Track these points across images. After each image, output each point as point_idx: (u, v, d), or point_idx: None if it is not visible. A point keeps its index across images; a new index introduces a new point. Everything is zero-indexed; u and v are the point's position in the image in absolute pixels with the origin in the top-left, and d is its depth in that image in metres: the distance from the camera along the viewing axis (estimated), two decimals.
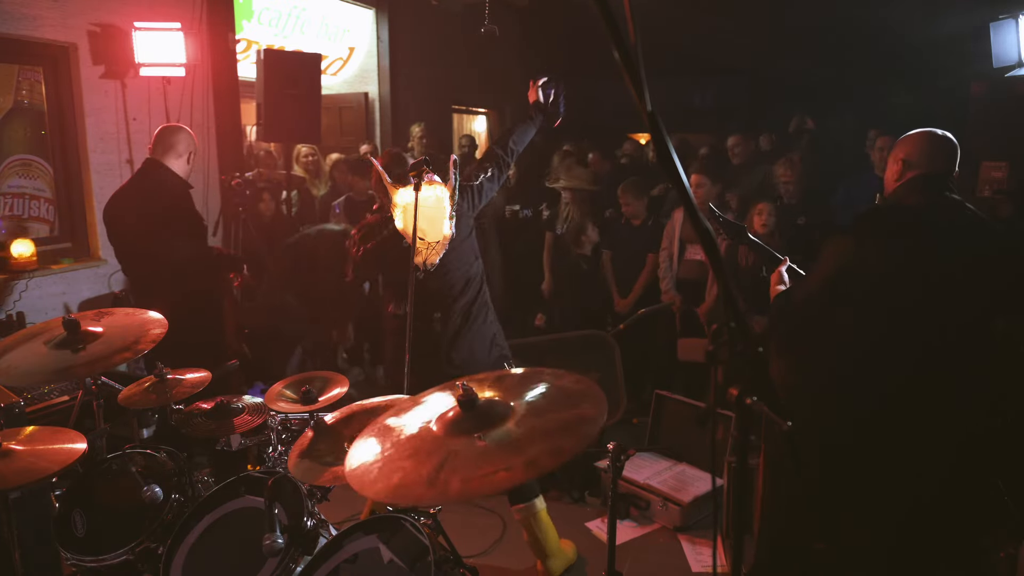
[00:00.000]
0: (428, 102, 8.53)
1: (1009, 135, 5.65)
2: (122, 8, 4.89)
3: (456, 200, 3.13)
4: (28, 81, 4.63)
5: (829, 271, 2.43)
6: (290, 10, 7.26)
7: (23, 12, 4.43)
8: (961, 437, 2.30)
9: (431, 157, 3.16)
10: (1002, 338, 2.30)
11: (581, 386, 1.74)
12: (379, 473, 1.59)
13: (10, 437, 2.10)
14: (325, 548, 2.07)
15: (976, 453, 2.34)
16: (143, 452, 2.52)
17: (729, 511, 3.34)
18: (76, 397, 2.98)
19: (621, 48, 1.06)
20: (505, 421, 1.63)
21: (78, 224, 4.94)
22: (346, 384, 2.70)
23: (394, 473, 1.57)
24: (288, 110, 5.34)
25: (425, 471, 1.53)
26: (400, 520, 2.01)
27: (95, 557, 2.24)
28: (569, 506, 3.96)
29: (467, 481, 1.47)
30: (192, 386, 2.64)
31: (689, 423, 4.18)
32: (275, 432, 2.65)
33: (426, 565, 1.87)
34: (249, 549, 2.06)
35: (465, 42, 7.96)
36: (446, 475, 1.50)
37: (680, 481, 3.90)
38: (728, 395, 1.21)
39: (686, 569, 3.41)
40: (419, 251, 3.06)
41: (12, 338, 2.50)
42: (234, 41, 5.84)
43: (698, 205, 1.19)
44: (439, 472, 1.51)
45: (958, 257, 2.29)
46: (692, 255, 4.92)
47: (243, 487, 2.30)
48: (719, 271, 1.18)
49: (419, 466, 1.56)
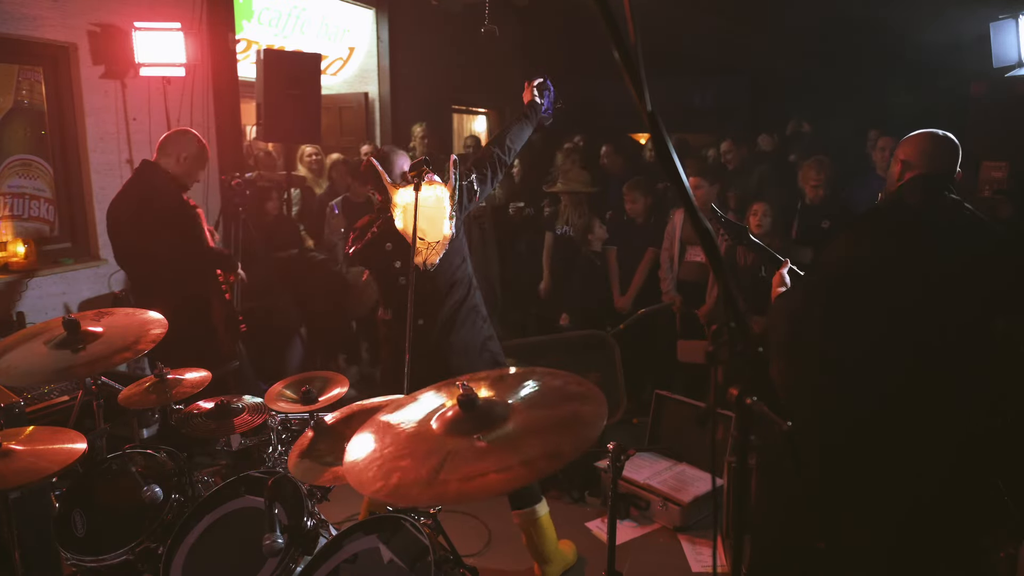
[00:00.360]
0: (428, 102, 8.53)
1: (1009, 135, 5.65)
2: (122, 8, 4.89)
3: (456, 200, 3.12)
4: (28, 81, 4.63)
5: (829, 270, 2.44)
6: (290, 10, 7.26)
7: (23, 12, 4.43)
8: (961, 437, 2.30)
9: (431, 157, 3.16)
10: (1002, 338, 2.30)
11: (581, 388, 1.74)
12: (378, 472, 1.59)
13: (10, 437, 2.10)
14: (325, 548, 2.07)
15: (976, 453, 2.33)
16: (143, 452, 2.52)
17: (729, 511, 3.34)
18: (76, 397, 2.98)
19: (621, 48, 1.06)
20: (505, 422, 1.63)
21: (78, 224, 4.94)
22: (346, 384, 2.70)
23: (393, 472, 1.56)
24: (288, 110, 5.34)
25: (424, 471, 1.53)
26: (400, 520, 2.01)
27: (95, 557, 2.24)
28: (569, 506, 3.97)
29: (465, 482, 1.47)
30: (192, 386, 2.65)
31: (689, 423, 4.18)
32: (275, 432, 2.65)
33: (426, 565, 1.87)
34: (249, 549, 2.06)
35: (465, 42, 7.96)
36: (445, 476, 1.50)
37: (680, 481, 3.90)
38: (728, 395, 1.21)
39: (686, 569, 3.41)
40: (419, 251, 3.05)
41: (12, 338, 2.51)
42: (234, 41, 5.84)
43: (698, 206, 1.19)
44: (438, 473, 1.51)
45: (958, 257, 2.29)
46: (692, 256, 4.92)
47: (243, 487, 2.31)
48: (719, 271, 1.18)
49: (418, 466, 1.56)
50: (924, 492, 2.30)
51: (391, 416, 1.81)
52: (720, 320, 1.18)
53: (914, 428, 2.23)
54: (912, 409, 2.25)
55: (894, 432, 2.26)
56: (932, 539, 2.35)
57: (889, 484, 2.31)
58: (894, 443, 2.26)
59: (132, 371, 4.20)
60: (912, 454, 2.25)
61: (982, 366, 2.29)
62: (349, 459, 1.68)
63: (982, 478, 2.41)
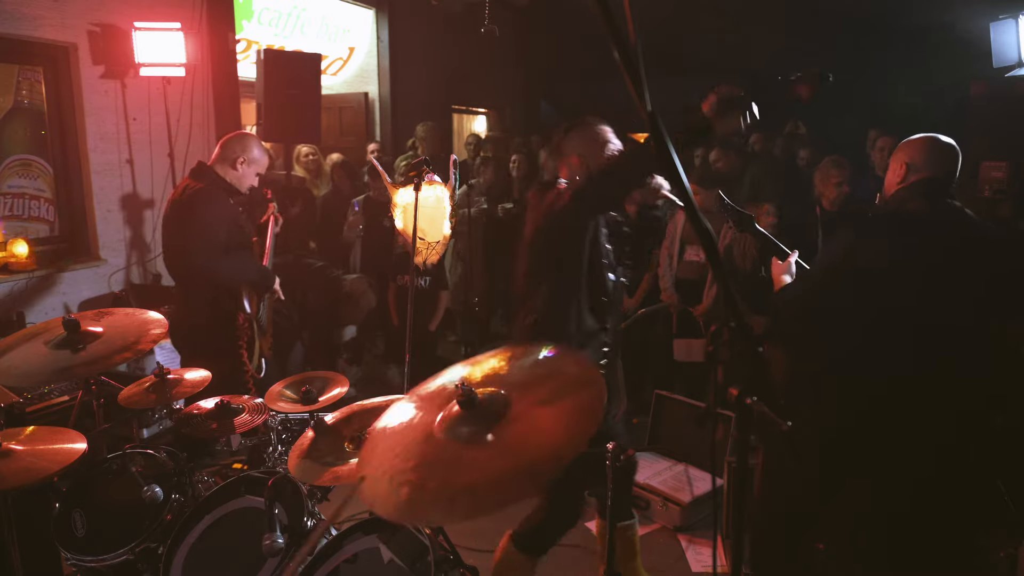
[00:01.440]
0: (428, 102, 8.53)
1: (1009, 135, 5.64)
2: (122, 8, 4.89)
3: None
4: (28, 81, 4.63)
5: (831, 267, 2.45)
6: (290, 10, 7.26)
7: (23, 12, 4.43)
8: (960, 437, 2.31)
9: (432, 157, 3.16)
10: (1002, 339, 2.31)
11: (580, 370, 1.69)
12: (387, 487, 1.53)
13: (10, 437, 2.10)
14: (325, 548, 2.07)
15: (976, 453, 2.34)
16: (143, 452, 2.52)
17: (729, 511, 3.34)
18: (76, 397, 2.98)
19: (621, 48, 1.06)
20: (506, 417, 1.61)
21: (78, 224, 4.94)
22: (346, 384, 2.70)
23: (401, 487, 1.50)
24: (288, 110, 5.33)
25: (431, 485, 1.47)
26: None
27: (95, 557, 2.24)
28: None
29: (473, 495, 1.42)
30: (192, 386, 2.65)
31: (689, 423, 4.18)
32: (275, 432, 2.65)
33: (426, 565, 1.87)
34: (249, 549, 2.06)
35: (465, 42, 7.96)
36: (452, 490, 1.44)
37: (680, 481, 3.90)
38: (728, 395, 1.21)
39: (686, 569, 3.41)
40: (419, 251, 3.06)
41: (12, 338, 2.50)
42: (234, 41, 5.84)
43: (699, 205, 1.19)
44: (445, 485, 1.46)
45: (958, 259, 2.30)
46: (691, 255, 4.92)
47: (243, 487, 2.31)
48: (719, 272, 1.18)
49: (426, 480, 1.49)
50: (923, 492, 2.31)
51: (393, 421, 1.78)
52: (719, 320, 1.18)
53: (913, 429, 2.24)
54: (911, 410, 2.26)
55: (893, 432, 2.27)
56: (932, 539, 2.36)
57: (888, 484, 2.32)
58: (892, 442, 2.27)
59: (132, 371, 4.20)
60: (911, 455, 2.26)
61: (982, 368, 2.30)
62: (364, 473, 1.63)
63: (982, 478, 2.41)
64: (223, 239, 3.38)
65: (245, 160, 3.49)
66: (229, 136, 3.60)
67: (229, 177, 3.49)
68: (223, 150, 3.51)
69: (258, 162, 3.56)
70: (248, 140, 3.57)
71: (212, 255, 3.34)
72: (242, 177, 3.52)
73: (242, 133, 3.68)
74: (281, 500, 2.15)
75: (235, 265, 3.46)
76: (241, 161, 3.48)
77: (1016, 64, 5.73)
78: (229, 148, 3.50)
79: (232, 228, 3.48)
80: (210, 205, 3.38)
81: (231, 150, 3.50)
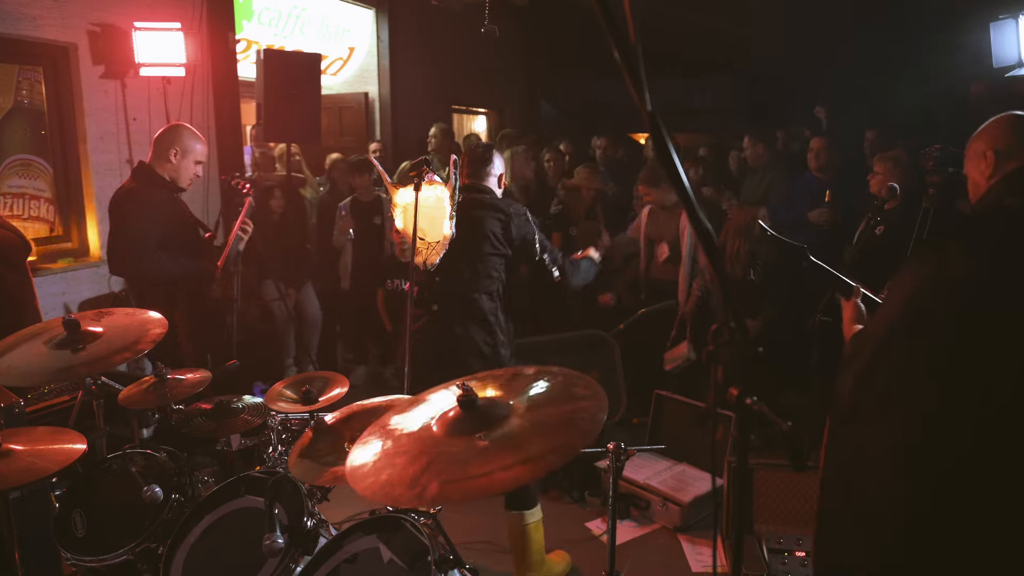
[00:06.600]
0: (428, 102, 8.53)
1: None
2: (122, 8, 4.89)
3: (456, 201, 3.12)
4: (28, 81, 4.63)
5: (920, 299, 1.66)
6: (290, 10, 7.26)
7: (23, 12, 4.43)
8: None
9: (442, 157, 3.16)
10: None
11: (586, 388, 1.72)
12: (371, 468, 1.59)
13: (10, 437, 2.10)
14: (325, 548, 2.07)
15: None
16: (143, 452, 2.52)
17: (729, 511, 3.34)
18: (76, 397, 2.98)
19: (621, 48, 1.05)
20: (506, 421, 1.62)
21: (78, 224, 4.94)
22: (346, 384, 2.70)
23: (383, 470, 1.56)
24: (288, 110, 5.33)
25: (411, 472, 1.52)
26: (400, 520, 2.02)
27: (95, 557, 2.24)
28: (569, 506, 3.97)
29: (448, 484, 1.46)
30: (192, 386, 2.64)
31: (689, 423, 4.18)
32: (275, 432, 2.65)
33: (426, 565, 1.87)
34: (249, 549, 2.06)
35: (465, 42, 7.96)
36: (427, 478, 1.48)
37: (680, 481, 3.90)
38: (728, 395, 1.21)
39: (686, 569, 3.41)
40: (419, 251, 3.06)
41: (12, 338, 2.50)
42: (234, 41, 5.84)
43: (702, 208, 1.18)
44: (422, 474, 1.50)
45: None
46: (660, 255, 4.89)
47: (243, 487, 2.31)
48: (718, 270, 1.18)
49: (408, 465, 1.55)
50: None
51: (398, 418, 1.80)
52: (703, 320, 1.17)
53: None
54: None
55: (996, 498, 1.52)
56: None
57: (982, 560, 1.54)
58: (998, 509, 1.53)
59: (132, 371, 4.19)
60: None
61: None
62: (353, 457, 1.67)
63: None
64: (158, 236, 3.39)
65: (178, 151, 3.49)
66: (162, 130, 3.61)
67: (166, 171, 3.50)
68: (156, 145, 3.53)
69: (193, 151, 3.55)
70: (180, 130, 3.58)
71: (143, 253, 3.36)
72: (179, 169, 3.52)
73: (174, 125, 3.71)
74: (281, 500, 2.14)
75: (166, 262, 3.43)
76: (175, 153, 3.49)
77: (1016, 64, 5.72)
78: (162, 142, 3.52)
79: (171, 224, 3.48)
80: (137, 203, 3.40)
81: (164, 143, 3.51)
